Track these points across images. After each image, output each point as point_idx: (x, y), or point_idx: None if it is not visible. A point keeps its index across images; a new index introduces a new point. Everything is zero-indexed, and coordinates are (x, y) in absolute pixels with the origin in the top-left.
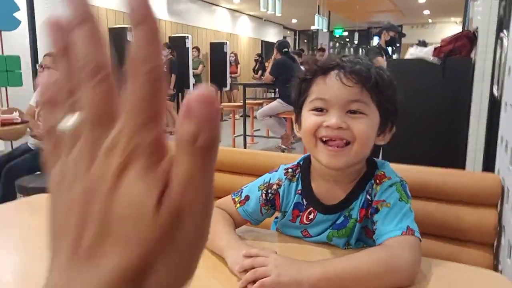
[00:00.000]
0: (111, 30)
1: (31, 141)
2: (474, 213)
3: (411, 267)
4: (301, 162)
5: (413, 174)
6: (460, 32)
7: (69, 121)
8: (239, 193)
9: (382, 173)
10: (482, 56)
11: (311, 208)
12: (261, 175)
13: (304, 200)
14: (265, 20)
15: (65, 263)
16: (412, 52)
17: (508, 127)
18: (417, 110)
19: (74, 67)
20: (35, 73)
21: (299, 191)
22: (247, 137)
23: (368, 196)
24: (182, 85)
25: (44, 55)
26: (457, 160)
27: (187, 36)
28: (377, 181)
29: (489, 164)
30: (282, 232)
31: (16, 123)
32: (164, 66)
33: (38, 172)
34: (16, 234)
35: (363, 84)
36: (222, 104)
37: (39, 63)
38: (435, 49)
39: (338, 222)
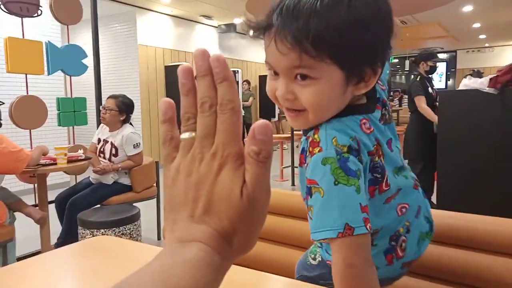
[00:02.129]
0: (167, 67)
1: (93, 175)
2: None
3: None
4: None
5: (470, 223)
6: None
7: (186, 135)
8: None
9: (317, 139)
10: None
11: None
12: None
13: None
14: None
15: (186, 223)
16: (466, 83)
17: None
18: (473, 143)
19: (194, 102)
20: (98, 113)
21: None
22: (295, 168)
23: (304, 153)
24: None
25: (107, 98)
26: None
27: (237, 71)
28: (310, 148)
29: None
30: None
31: (81, 160)
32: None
33: (98, 206)
34: (75, 278)
35: (299, 47)
36: None
37: (102, 104)
38: (490, 79)
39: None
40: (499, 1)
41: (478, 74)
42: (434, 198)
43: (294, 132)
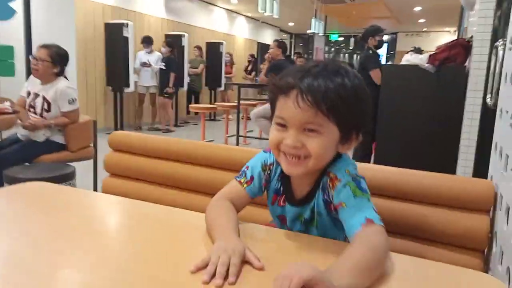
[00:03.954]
0: (107, 25)
1: (21, 132)
2: (466, 219)
3: (387, 248)
4: None
5: (407, 177)
6: (455, 40)
7: None
8: (243, 175)
9: (334, 176)
10: (476, 65)
11: (284, 196)
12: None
13: (281, 187)
14: (262, 22)
15: None
16: (408, 59)
17: (503, 133)
18: (410, 115)
19: None
20: (28, 64)
21: (279, 178)
22: (240, 137)
23: (325, 197)
24: (177, 84)
25: (39, 47)
26: (447, 165)
27: (183, 35)
28: (331, 184)
29: (479, 170)
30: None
31: (7, 113)
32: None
33: (26, 164)
34: (2, 221)
35: (317, 107)
36: (216, 103)
37: (32, 54)
38: (430, 56)
39: (306, 216)
40: None
41: (418, 50)
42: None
43: (240, 102)
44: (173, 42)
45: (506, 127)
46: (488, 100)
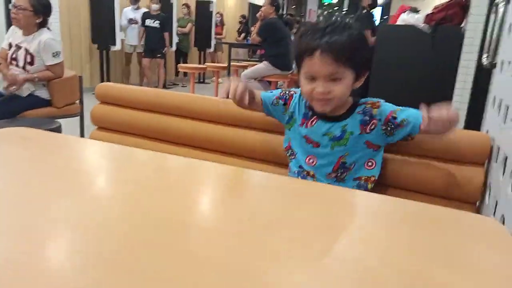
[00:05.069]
0: None
1: (3, 85)
2: (461, 171)
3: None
4: None
5: None
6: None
7: None
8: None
9: (371, 102)
10: (472, 26)
11: (315, 117)
12: None
13: (310, 112)
14: None
15: None
16: (404, 18)
17: (504, 85)
18: (404, 74)
19: None
20: (8, 13)
21: (308, 107)
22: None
23: (366, 117)
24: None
25: None
26: None
27: None
28: (374, 106)
29: (470, 126)
30: (291, 145)
31: None
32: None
33: (9, 119)
34: None
35: (339, 60)
36: (206, 64)
37: (12, 2)
38: (426, 15)
39: (337, 134)
40: None
41: (415, 10)
42: None
43: (231, 63)
44: None
45: (507, 78)
46: (484, 59)
